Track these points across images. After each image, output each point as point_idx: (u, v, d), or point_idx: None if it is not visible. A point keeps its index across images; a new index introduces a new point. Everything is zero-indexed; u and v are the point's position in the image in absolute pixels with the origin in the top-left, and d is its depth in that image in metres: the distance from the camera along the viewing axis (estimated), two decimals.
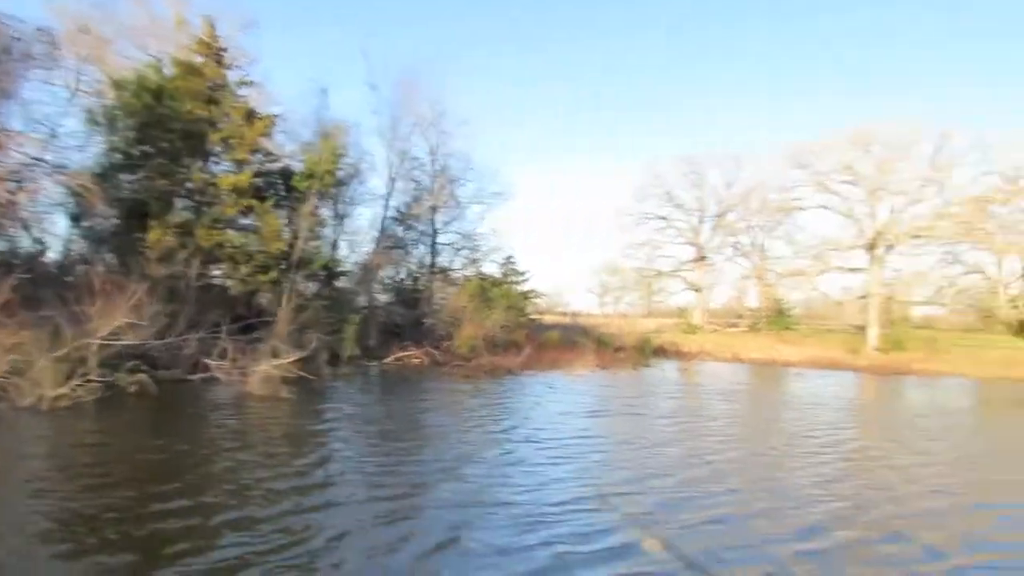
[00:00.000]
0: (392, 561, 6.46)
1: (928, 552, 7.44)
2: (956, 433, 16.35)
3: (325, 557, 6.50)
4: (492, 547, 6.93)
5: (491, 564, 6.48)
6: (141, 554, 6.30)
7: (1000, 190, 42.62)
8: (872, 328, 42.56)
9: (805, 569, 6.70)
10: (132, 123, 20.61)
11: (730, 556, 6.97)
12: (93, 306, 15.35)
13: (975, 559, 7.27)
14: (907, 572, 6.84)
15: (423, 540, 7.06)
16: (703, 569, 6.59)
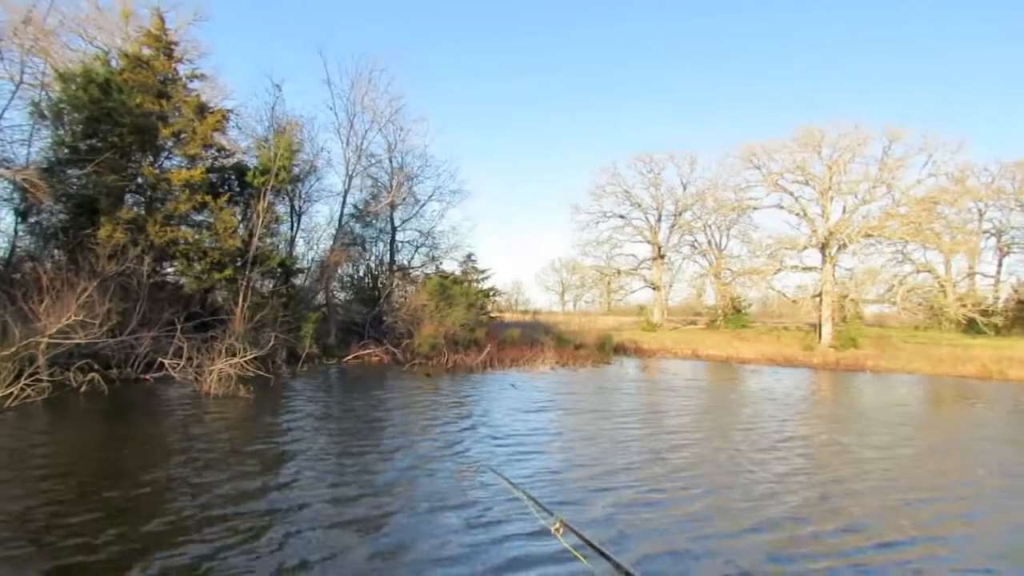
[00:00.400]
0: (344, 562, 6.38)
1: (879, 543, 7.63)
2: (908, 428, 16.73)
3: (274, 560, 6.37)
4: (444, 547, 6.91)
5: (442, 564, 6.46)
6: (82, 558, 6.15)
7: (946, 191, 43.90)
8: (826, 326, 43.51)
9: (761, 563, 6.83)
10: (79, 117, 20.05)
11: (682, 551, 7.12)
12: (41, 304, 14.91)
13: (924, 550, 7.50)
14: (859, 562, 7.00)
15: (376, 540, 7.02)
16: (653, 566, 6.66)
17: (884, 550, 7.37)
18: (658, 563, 6.63)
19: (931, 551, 7.42)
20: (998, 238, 53.90)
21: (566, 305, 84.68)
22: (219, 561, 6.17)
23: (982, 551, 7.54)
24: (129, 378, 17.61)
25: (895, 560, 7.08)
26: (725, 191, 51.32)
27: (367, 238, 33.72)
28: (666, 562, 6.68)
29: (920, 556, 7.22)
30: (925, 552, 7.37)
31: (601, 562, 4.06)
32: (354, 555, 6.49)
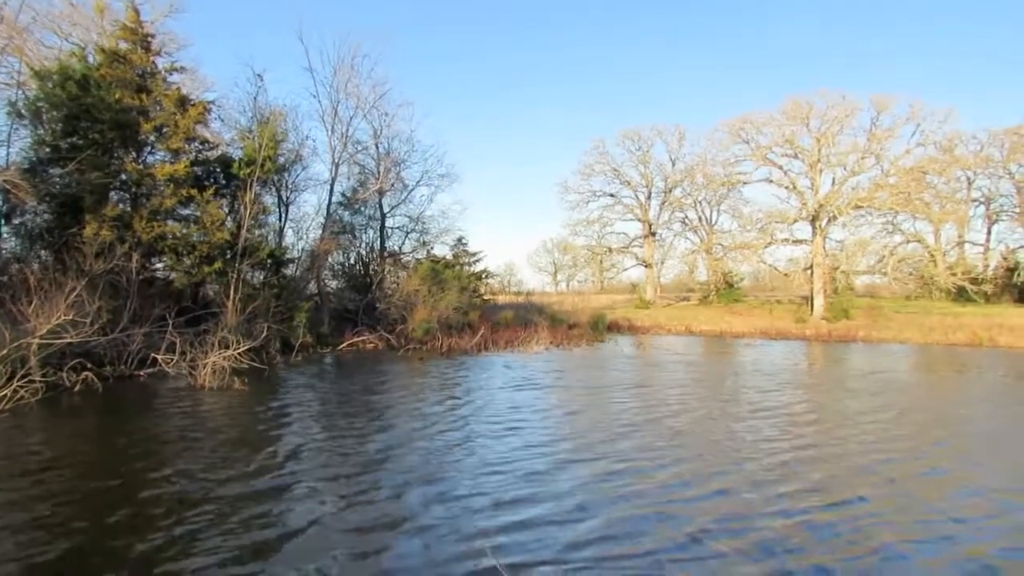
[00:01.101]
0: (342, 545, 6.48)
1: (831, 503, 7.91)
2: (886, 395, 16.83)
3: (282, 547, 6.46)
4: (448, 526, 7.03)
5: (446, 543, 6.55)
6: (88, 557, 6.17)
7: (935, 160, 43.92)
8: (818, 298, 43.65)
9: (714, 524, 7.09)
10: (58, 115, 19.82)
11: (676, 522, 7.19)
12: (30, 305, 14.86)
13: (871, 507, 7.76)
14: (807, 520, 7.20)
15: (379, 526, 7.10)
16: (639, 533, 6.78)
17: (833, 509, 7.65)
18: (616, 528, 6.92)
19: (878, 508, 7.70)
20: (987, 206, 54.03)
21: (559, 285, 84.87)
22: (218, 545, 6.28)
23: (926, 507, 7.81)
24: (123, 375, 17.58)
25: (843, 518, 7.36)
26: (714, 166, 51.23)
27: (356, 225, 33.64)
28: (624, 527, 6.94)
29: (865, 513, 7.51)
30: (872, 509, 7.64)
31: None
32: (350, 538, 6.59)
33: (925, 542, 6.68)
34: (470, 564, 6.01)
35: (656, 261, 60.28)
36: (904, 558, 6.25)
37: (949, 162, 45.04)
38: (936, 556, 6.31)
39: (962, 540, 6.73)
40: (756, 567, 5.97)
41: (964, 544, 6.59)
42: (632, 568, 5.94)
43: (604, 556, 6.21)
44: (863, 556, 6.25)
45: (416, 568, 5.98)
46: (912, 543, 6.62)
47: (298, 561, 6.08)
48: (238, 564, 5.99)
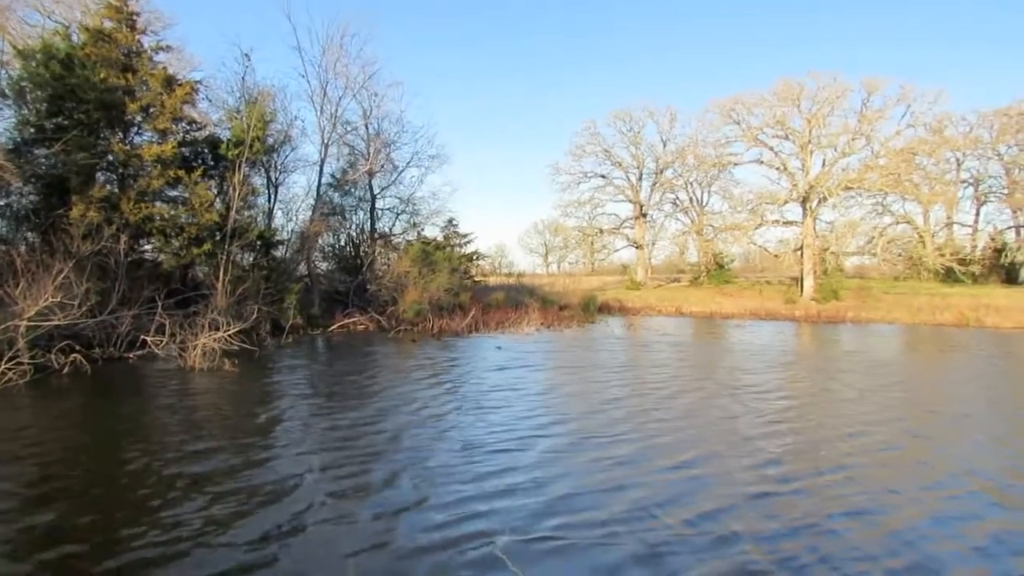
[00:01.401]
0: (329, 523, 6.53)
1: (786, 476, 8.18)
2: (865, 373, 17.03)
3: (268, 522, 6.50)
4: (434, 499, 7.10)
5: (443, 527, 6.58)
6: (75, 532, 6.17)
7: (925, 141, 44.05)
8: (807, 279, 43.88)
9: (667, 494, 7.39)
10: (42, 95, 19.54)
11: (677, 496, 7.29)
12: (17, 287, 14.76)
13: (825, 480, 8.03)
14: (763, 491, 7.41)
15: (366, 500, 7.16)
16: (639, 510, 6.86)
17: (787, 482, 7.88)
18: (575, 501, 7.13)
19: (831, 481, 7.95)
20: (975, 187, 54.20)
21: (550, 267, 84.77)
22: (204, 521, 6.31)
23: (878, 479, 8.04)
24: (112, 357, 17.51)
25: (796, 489, 7.61)
26: (705, 147, 51.22)
27: (347, 207, 33.50)
28: (583, 500, 7.14)
29: (818, 486, 7.75)
30: (826, 482, 7.90)
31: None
32: (337, 512, 6.65)
33: (866, 513, 6.88)
34: (472, 545, 6.06)
35: (647, 242, 60.26)
36: (845, 532, 6.40)
37: (939, 143, 45.20)
38: (875, 528, 6.49)
39: (897, 512, 6.91)
40: (709, 536, 6.19)
41: (955, 525, 6.68)
42: (596, 536, 6.17)
43: (571, 524, 6.46)
44: (862, 532, 6.40)
45: (401, 539, 6.08)
46: (855, 515, 6.82)
47: (292, 541, 6.12)
48: (229, 546, 6.01)
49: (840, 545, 6.04)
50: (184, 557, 5.71)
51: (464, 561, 5.66)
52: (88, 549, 5.85)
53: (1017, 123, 48.66)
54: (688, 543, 6.03)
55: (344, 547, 5.97)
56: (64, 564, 5.56)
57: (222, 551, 5.88)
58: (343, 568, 5.57)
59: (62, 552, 5.79)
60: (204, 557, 5.73)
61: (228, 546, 5.98)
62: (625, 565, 5.58)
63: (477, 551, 5.86)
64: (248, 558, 5.74)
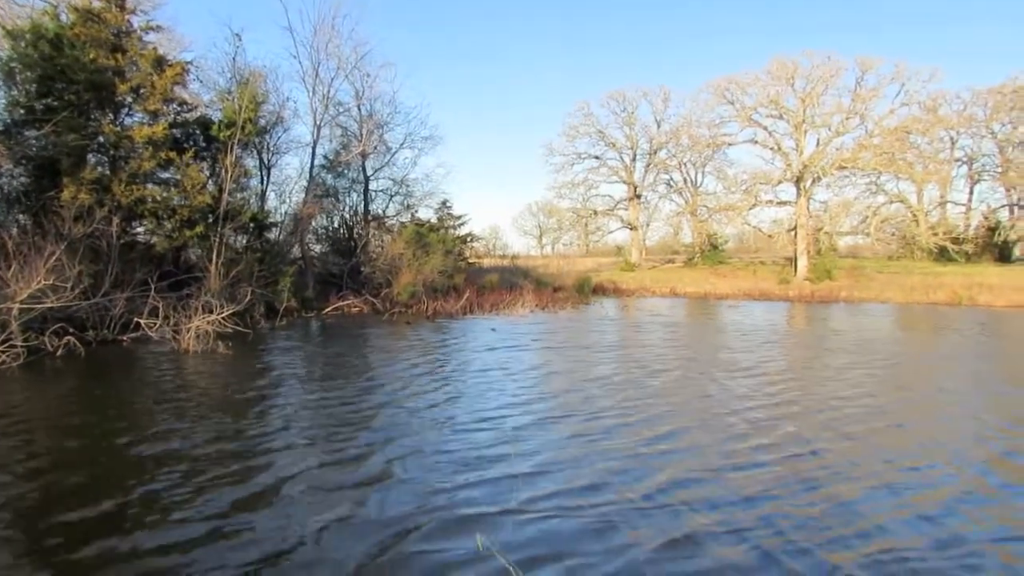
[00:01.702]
0: (322, 505, 6.59)
1: (758, 446, 8.44)
2: (869, 354, 17.09)
3: (260, 502, 6.56)
4: (424, 481, 7.17)
5: (421, 497, 6.70)
6: (66, 512, 6.19)
7: (919, 120, 44.03)
8: (801, 259, 44.02)
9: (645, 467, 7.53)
10: (32, 75, 19.33)
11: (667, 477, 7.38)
12: (9, 269, 14.70)
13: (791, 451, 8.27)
14: (805, 476, 7.35)
15: (358, 481, 7.24)
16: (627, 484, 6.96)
17: (751, 456, 8.05)
18: (541, 475, 7.27)
19: (793, 455, 8.11)
20: (969, 166, 54.32)
21: (544, 248, 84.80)
22: (197, 501, 6.33)
23: (840, 452, 8.21)
24: (106, 340, 17.48)
25: (759, 462, 7.78)
26: (699, 127, 51.14)
27: (340, 189, 33.32)
28: (548, 474, 7.26)
29: (779, 460, 7.89)
30: (787, 456, 8.04)
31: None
32: (328, 493, 6.69)
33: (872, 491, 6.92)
34: (444, 515, 6.19)
35: (641, 223, 60.34)
36: (799, 503, 6.53)
37: (933, 122, 45.18)
38: (827, 500, 6.61)
39: (902, 491, 6.94)
40: (709, 517, 6.19)
41: (907, 494, 6.79)
42: (593, 516, 6.20)
43: (535, 496, 6.62)
44: (815, 503, 6.52)
45: (389, 520, 6.13)
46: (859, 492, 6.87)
47: (276, 515, 6.18)
48: (218, 519, 6.07)
49: (792, 514, 6.17)
50: (170, 529, 5.78)
51: (434, 528, 5.89)
52: (77, 523, 5.90)
53: (1011, 101, 48.68)
54: (646, 514, 6.19)
55: (327, 517, 6.09)
56: (52, 539, 5.59)
57: (205, 523, 5.95)
58: (325, 539, 5.66)
59: (50, 524, 5.84)
60: (189, 529, 5.80)
61: (212, 518, 6.05)
62: (582, 535, 5.76)
63: (447, 520, 6.07)
64: (234, 530, 5.82)
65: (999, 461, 7.92)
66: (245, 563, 5.24)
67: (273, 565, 5.22)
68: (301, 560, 5.30)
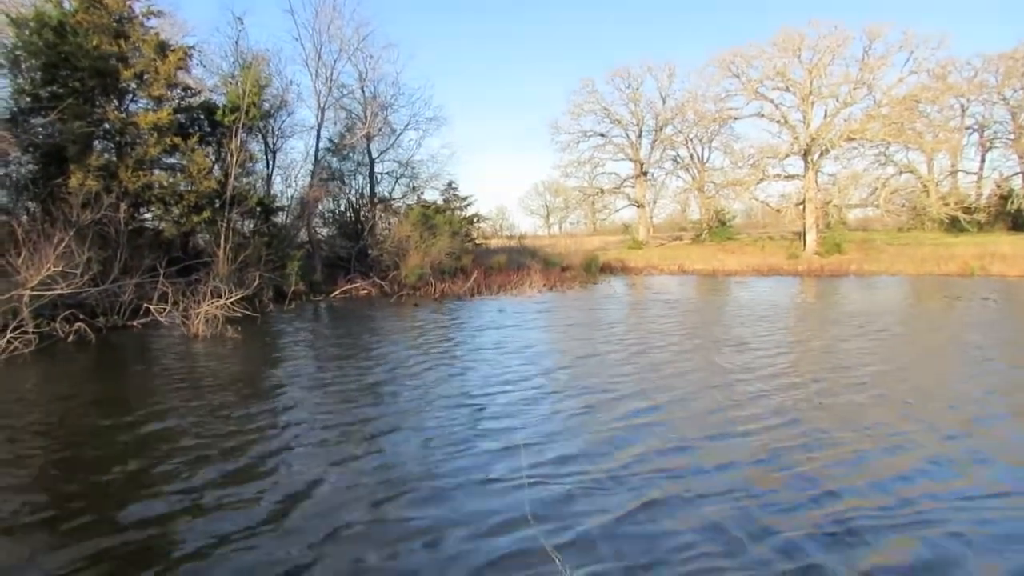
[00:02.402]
0: (333, 486, 6.69)
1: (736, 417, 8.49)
2: (867, 325, 17.04)
3: (268, 480, 6.67)
4: (432, 457, 7.33)
5: (430, 471, 6.86)
6: (93, 510, 6.28)
7: (928, 88, 43.47)
8: (810, 233, 43.74)
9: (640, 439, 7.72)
10: (36, 63, 19.42)
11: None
12: (19, 257, 14.83)
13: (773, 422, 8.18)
14: (778, 445, 7.44)
15: (364, 457, 7.37)
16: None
17: (729, 427, 8.17)
18: (588, 448, 7.18)
19: (771, 425, 8.19)
20: (980, 133, 53.68)
21: (551, 228, 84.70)
22: (205, 479, 6.41)
23: (816, 422, 8.31)
24: (116, 325, 17.65)
25: (735, 433, 7.93)
26: (705, 102, 50.63)
27: (345, 172, 33.33)
28: (534, 446, 7.21)
29: (757, 430, 7.99)
30: (766, 427, 8.13)
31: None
32: (336, 469, 6.78)
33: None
34: (452, 482, 6.37)
35: (648, 201, 60.03)
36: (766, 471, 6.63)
37: (942, 90, 44.59)
38: (797, 466, 6.74)
39: (822, 450, 7.18)
40: (639, 476, 6.52)
41: (872, 461, 6.90)
42: (538, 475, 6.51)
43: (521, 466, 6.75)
44: (742, 463, 6.80)
45: (393, 482, 6.30)
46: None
47: (284, 491, 6.30)
48: (227, 496, 6.19)
49: (757, 484, 6.27)
50: (184, 515, 5.83)
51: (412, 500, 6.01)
52: (87, 507, 6.00)
53: (1023, 66, 47.96)
54: (624, 481, 6.37)
55: (334, 483, 6.25)
56: (63, 523, 5.68)
57: (215, 503, 6.06)
58: (331, 505, 5.82)
59: (61, 511, 5.94)
60: (201, 513, 5.88)
61: (224, 499, 6.16)
62: (560, 500, 5.96)
63: (446, 487, 6.29)
64: (247, 512, 5.90)
65: (971, 427, 8.01)
66: (247, 527, 5.40)
67: (276, 532, 5.36)
68: (308, 525, 5.42)
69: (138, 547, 5.16)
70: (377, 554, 5.01)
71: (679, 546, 5.04)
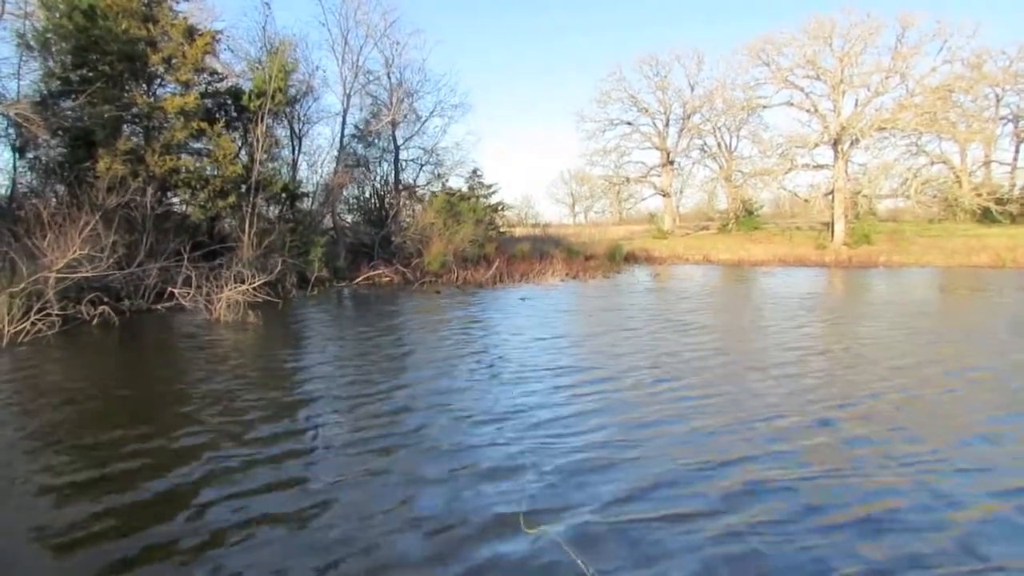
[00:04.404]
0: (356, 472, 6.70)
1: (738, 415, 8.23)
2: (918, 320, 16.70)
3: (293, 466, 6.67)
4: (452, 442, 7.30)
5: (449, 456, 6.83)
6: (118, 492, 6.31)
7: (961, 78, 42.47)
8: (839, 223, 43.01)
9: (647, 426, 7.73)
10: (66, 46, 19.61)
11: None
12: (44, 239, 15.02)
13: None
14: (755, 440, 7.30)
15: (388, 446, 7.33)
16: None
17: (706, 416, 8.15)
18: (598, 435, 7.13)
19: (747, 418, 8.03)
20: (1015, 124, 52.17)
21: (577, 217, 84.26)
22: (239, 472, 6.39)
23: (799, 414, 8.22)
24: (140, 309, 17.86)
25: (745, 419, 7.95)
26: (734, 90, 49.89)
27: (370, 158, 33.39)
28: (611, 434, 7.04)
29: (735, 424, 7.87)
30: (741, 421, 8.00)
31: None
32: (357, 455, 6.75)
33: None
34: (473, 465, 6.33)
35: (674, 190, 59.39)
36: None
37: (977, 79, 43.51)
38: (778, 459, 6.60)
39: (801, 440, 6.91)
40: (616, 460, 6.56)
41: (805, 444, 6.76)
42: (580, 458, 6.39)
43: (586, 459, 6.56)
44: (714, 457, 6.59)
45: (420, 466, 6.32)
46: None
47: (307, 475, 6.32)
48: (249, 482, 6.20)
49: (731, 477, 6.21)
50: (211, 502, 5.84)
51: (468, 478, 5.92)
52: (112, 492, 6.01)
53: None
54: (600, 468, 6.39)
55: (356, 469, 6.23)
56: (89, 506, 5.72)
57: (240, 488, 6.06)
58: (357, 491, 5.77)
59: (86, 495, 5.97)
60: (225, 497, 5.89)
61: (242, 482, 6.17)
62: (570, 487, 5.91)
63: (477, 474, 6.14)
64: (267, 499, 5.91)
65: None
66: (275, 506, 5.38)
67: (300, 518, 5.34)
68: (336, 513, 5.41)
69: (153, 521, 5.19)
70: (395, 540, 4.99)
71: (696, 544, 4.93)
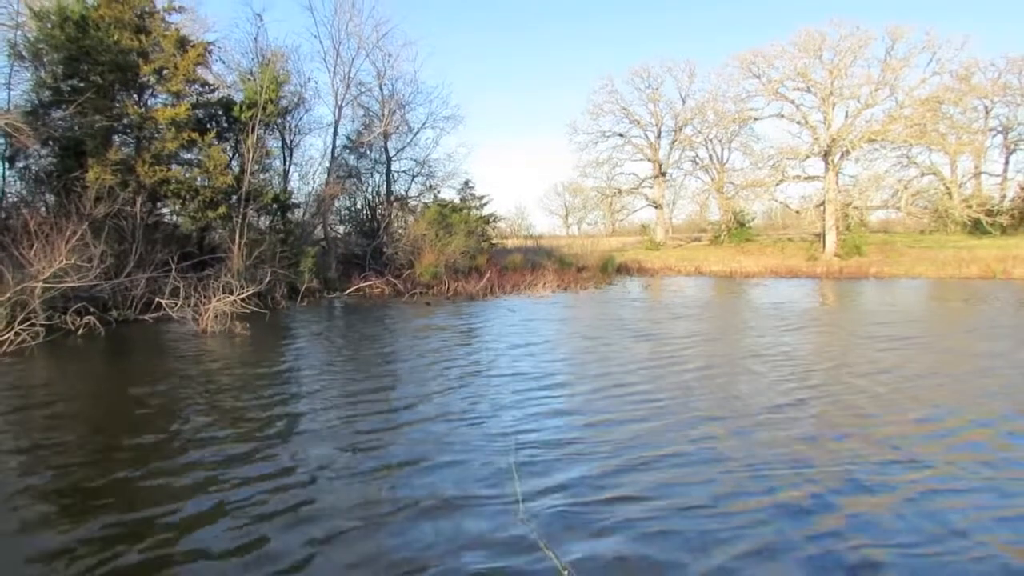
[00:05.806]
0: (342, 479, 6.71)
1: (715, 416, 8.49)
2: (913, 330, 16.73)
3: (276, 474, 6.67)
4: (443, 450, 7.32)
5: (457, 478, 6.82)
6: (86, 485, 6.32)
7: (951, 89, 42.85)
8: (830, 235, 43.20)
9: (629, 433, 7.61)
10: (58, 56, 19.65)
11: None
12: (32, 249, 14.94)
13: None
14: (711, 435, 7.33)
15: (392, 467, 7.34)
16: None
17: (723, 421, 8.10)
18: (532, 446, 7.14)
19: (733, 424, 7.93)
20: (1005, 135, 52.63)
21: (570, 228, 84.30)
22: (221, 482, 6.35)
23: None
24: (127, 319, 17.76)
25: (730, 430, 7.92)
26: (725, 102, 50.23)
27: (362, 169, 33.51)
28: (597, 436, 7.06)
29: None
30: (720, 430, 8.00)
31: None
32: (349, 474, 6.69)
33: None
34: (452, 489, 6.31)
35: (666, 202, 59.66)
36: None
37: (965, 91, 43.92)
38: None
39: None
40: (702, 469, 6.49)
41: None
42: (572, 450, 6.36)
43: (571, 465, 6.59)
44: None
45: (411, 459, 6.35)
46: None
47: (292, 486, 6.31)
48: (231, 494, 6.19)
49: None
50: (190, 510, 5.83)
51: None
52: (92, 499, 6.01)
53: None
54: (624, 474, 6.42)
55: (341, 466, 6.28)
56: (67, 514, 5.67)
57: (221, 497, 6.08)
58: (345, 491, 5.78)
59: (65, 504, 5.93)
60: (206, 506, 5.88)
61: (223, 492, 6.16)
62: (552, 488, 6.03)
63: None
64: (255, 505, 5.91)
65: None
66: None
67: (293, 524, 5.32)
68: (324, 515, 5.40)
69: (140, 527, 5.15)
70: (381, 541, 5.02)
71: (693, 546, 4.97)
